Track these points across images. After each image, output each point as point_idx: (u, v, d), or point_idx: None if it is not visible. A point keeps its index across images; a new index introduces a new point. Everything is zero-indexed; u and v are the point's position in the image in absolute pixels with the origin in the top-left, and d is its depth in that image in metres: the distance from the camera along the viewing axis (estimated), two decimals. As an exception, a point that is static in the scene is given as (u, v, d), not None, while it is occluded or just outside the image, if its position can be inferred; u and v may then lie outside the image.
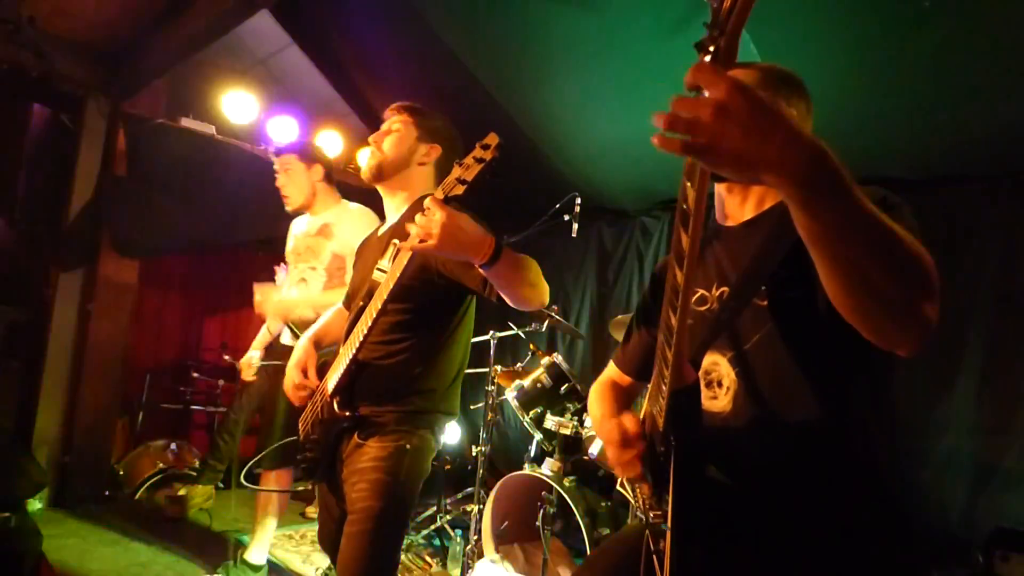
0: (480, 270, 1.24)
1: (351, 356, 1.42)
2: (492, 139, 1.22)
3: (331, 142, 4.11)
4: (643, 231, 3.78)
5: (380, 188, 1.61)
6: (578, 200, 2.97)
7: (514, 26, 2.93)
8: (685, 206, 0.71)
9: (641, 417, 1.04)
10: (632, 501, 1.15)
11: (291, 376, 1.56)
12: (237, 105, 3.56)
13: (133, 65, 3.26)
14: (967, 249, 2.57)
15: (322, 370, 1.58)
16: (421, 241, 1.18)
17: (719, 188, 1.10)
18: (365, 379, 1.46)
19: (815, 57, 2.32)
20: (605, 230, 3.97)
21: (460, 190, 1.22)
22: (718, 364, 1.01)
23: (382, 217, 1.73)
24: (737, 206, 1.07)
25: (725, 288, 1.03)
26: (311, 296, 2.33)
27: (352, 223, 2.34)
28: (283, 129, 3.69)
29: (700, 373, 1.01)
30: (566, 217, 2.97)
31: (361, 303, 1.45)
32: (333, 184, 2.45)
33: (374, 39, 3.58)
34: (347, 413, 1.44)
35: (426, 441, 1.49)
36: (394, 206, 1.63)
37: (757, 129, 0.61)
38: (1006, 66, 2.11)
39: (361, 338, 1.40)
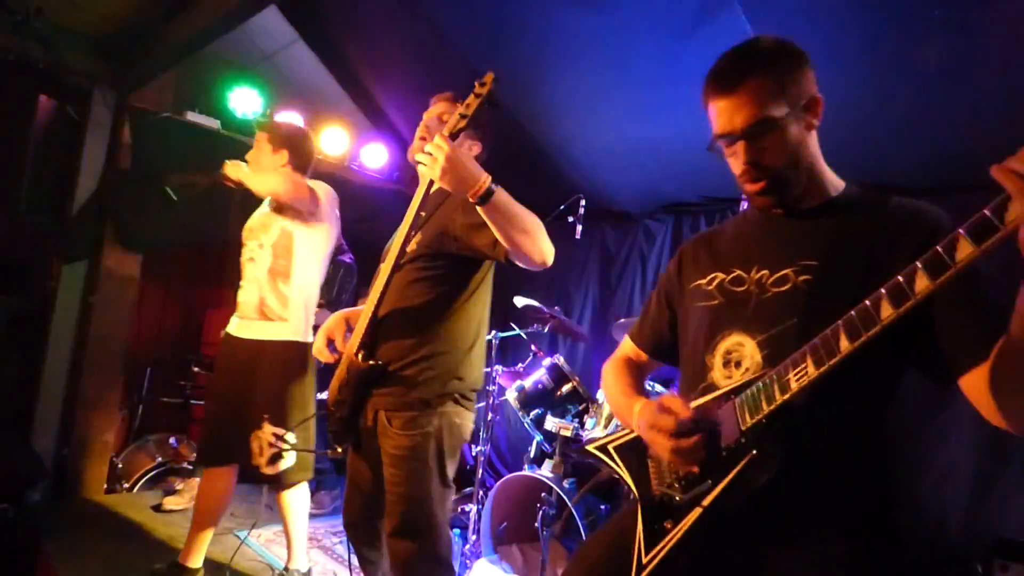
0: (479, 209, 1.35)
1: (372, 312, 1.55)
2: (488, 77, 1.39)
3: (336, 139, 4.12)
4: (647, 234, 3.77)
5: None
6: (582, 202, 2.97)
7: (522, 27, 2.93)
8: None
9: (694, 404, 1.04)
10: (619, 471, 1.16)
11: (318, 341, 1.70)
12: (242, 100, 3.56)
13: (140, 58, 3.26)
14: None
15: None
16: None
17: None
18: (385, 331, 1.57)
19: (821, 62, 2.31)
20: (609, 232, 3.97)
21: (463, 123, 1.39)
22: (743, 345, 1.02)
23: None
24: (789, 196, 1.07)
25: (765, 271, 1.04)
26: None
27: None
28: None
29: (721, 352, 1.05)
30: (570, 219, 2.97)
31: (381, 268, 1.59)
32: (303, 174, 2.36)
33: (381, 37, 3.58)
34: (371, 362, 1.54)
35: (447, 416, 1.57)
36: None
37: None
38: (1014, 74, 2.10)
39: (379, 294, 1.53)
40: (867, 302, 0.80)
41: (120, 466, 3.45)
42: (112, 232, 3.34)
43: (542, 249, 1.41)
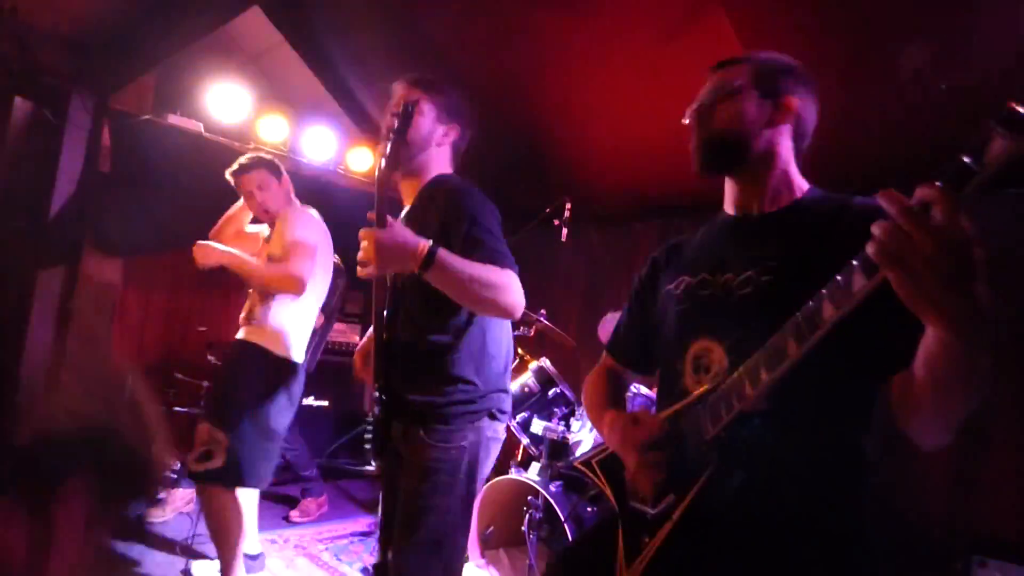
0: (425, 276, 1.25)
1: (380, 339, 1.44)
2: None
3: (322, 142, 4.08)
4: (633, 237, 3.79)
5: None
6: (568, 204, 2.98)
7: (509, 30, 2.93)
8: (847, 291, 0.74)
9: (664, 413, 1.04)
10: (601, 484, 1.16)
11: (356, 362, 1.64)
12: (226, 103, 3.52)
13: (119, 60, 3.20)
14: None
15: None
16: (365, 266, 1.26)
17: (732, 180, 1.13)
18: (401, 359, 1.46)
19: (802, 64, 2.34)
20: (595, 235, 3.98)
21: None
22: (711, 350, 1.02)
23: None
24: (749, 197, 1.09)
25: (730, 274, 1.04)
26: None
27: (291, 221, 2.36)
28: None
29: (691, 357, 1.04)
30: (556, 221, 2.98)
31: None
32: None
33: (367, 39, 3.57)
34: (379, 384, 1.44)
35: (480, 431, 1.48)
36: (407, 191, 1.58)
37: (961, 277, 0.64)
38: (992, 81, 2.14)
39: (382, 320, 1.45)
40: (811, 303, 0.78)
41: (100, 475, 3.38)
42: (92, 237, 3.28)
43: (507, 303, 1.29)
